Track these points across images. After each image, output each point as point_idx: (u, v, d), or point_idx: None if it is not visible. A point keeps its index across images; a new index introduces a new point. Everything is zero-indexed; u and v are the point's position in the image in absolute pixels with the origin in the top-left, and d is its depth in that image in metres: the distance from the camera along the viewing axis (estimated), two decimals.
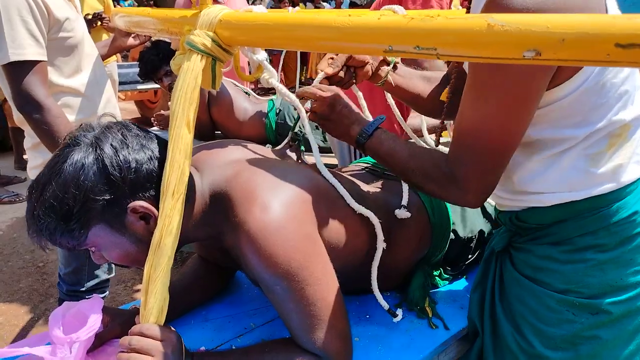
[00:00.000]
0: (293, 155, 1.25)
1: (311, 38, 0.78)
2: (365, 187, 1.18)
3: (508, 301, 0.99)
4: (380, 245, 1.07)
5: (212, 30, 0.89)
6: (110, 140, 0.86)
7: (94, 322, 0.90)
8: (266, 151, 1.15)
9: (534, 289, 0.93)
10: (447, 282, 1.30)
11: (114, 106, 1.75)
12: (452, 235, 1.23)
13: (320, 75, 1.09)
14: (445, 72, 1.24)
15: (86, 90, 1.60)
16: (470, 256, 1.31)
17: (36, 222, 0.84)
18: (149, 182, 0.87)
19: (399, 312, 1.13)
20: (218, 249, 1.03)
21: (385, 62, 1.17)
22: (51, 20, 1.45)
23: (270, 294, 0.91)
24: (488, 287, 1.05)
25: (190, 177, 0.91)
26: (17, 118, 1.49)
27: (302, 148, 1.29)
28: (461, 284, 1.32)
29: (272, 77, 1.07)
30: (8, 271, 2.91)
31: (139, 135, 0.89)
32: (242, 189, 0.92)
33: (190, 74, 0.88)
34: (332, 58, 1.11)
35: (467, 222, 1.26)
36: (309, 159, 1.28)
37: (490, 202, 1.29)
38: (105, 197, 0.84)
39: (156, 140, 0.92)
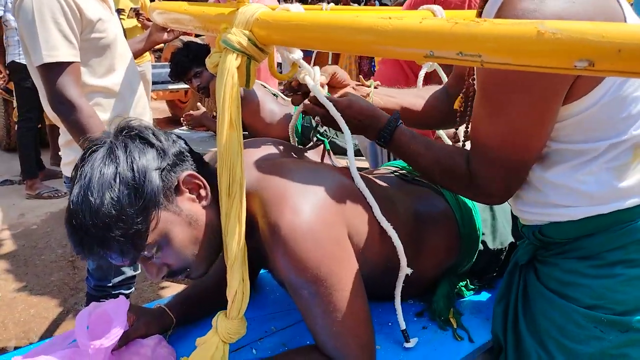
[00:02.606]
0: (318, 156, 1.24)
1: (349, 41, 0.76)
2: (394, 193, 1.16)
3: (532, 315, 0.96)
4: (404, 271, 1.05)
5: (248, 28, 0.88)
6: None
7: (117, 332, 0.90)
8: (298, 151, 1.14)
9: (560, 303, 0.91)
10: (473, 292, 1.27)
11: (145, 105, 1.77)
12: (481, 247, 1.20)
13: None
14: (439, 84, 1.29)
15: (118, 89, 1.62)
16: (497, 268, 1.27)
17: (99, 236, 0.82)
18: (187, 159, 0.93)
19: (414, 340, 1.07)
20: None
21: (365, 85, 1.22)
22: (84, 22, 1.48)
23: (296, 297, 0.91)
24: (511, 300, 1.03)
25: None
26: (52, 116, 1.54)
27: (328, 148, 1.28)
28: (487, 294, 1.28)
29: (308, 74, 1.06)
30: (41, 264, 3.00)
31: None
32: (273, 191, 0.92)
33: (227, 73, 0.88)
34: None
35: (497, 233, 1.23)
36: (338, 161, 1.27)
37: None
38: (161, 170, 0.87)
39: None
